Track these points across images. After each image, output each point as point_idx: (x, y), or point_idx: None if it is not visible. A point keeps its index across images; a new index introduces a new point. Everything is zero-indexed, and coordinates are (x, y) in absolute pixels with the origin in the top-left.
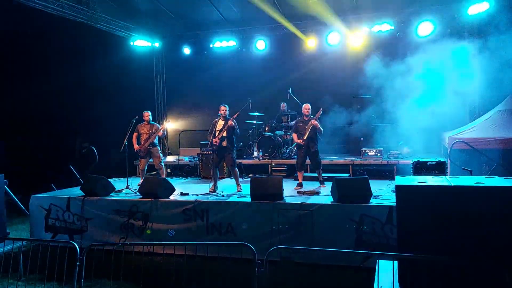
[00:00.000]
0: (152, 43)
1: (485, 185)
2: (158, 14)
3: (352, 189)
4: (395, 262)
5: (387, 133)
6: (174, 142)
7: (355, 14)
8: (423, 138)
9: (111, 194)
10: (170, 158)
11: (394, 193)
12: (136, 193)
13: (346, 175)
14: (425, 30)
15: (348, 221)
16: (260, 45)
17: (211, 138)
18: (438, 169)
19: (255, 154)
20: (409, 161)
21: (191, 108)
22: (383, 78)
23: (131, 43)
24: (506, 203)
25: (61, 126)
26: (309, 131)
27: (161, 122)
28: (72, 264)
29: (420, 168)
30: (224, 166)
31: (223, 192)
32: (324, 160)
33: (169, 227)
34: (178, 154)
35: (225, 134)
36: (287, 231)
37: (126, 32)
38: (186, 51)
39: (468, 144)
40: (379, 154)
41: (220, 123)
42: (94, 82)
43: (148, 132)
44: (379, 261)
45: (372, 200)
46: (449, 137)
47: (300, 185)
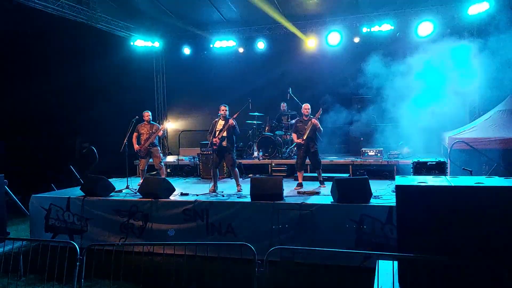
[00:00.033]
0: (152, 43)
1: (485, 185)
2: (158, 14)
3: (352, 189)
4: (395, 262)
5: (387, 133)
6: (174, 142)
7: (355, 14)
8: (423, 138)
9: (111, 194)
10: (170, 158)
11: (394, 193)
12: (136, 193)
13: (346, 175)
14: (425, 30)
15: (348, 221)
16: (260, 45)
17: (211, 138)
18: (438, 169)
19: (255, 154)
20: (409, 161)
21: (191, 108)
22: (383, 78)
23: (131, 43)
24: (506, 203)
25: (61, 126)
26: (309, 131)
27: (161, 122)
28: (72, 264)
29: (420, 168)
30: (224, 166)
31: (223, 192)
32: (324, 160)
33: (169, 227)
34: (178, 154)
35: (225, 134)
36: (287, 231)
37: (126, 32)
38: (186, 51)
39: (468, 144)
40: (379, 154)
41: (220, 123)
42: (94, 82)
43: (148, 132)
44: (379, 261)
45: (372, 200)
46: (449, 137)
47: (300, 185)
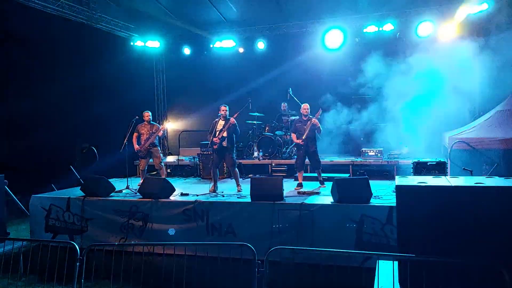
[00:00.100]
0: (152, 43)
1: (485, 185)
2: (158, 14)
3: (352, 189)
4: (395, 263)
5: (387, 133)
6: (174, 142)
7: (355, 14)
8: (424, 138)
9: (111, 195)
10: (170, 158)
11: (394, 193)
12: (136, 193)
13: (346, 175)
14: (425, 30)
15: (348, 221)
16: (260, 45)
17: (211, 138)
18: (438, 169)
19: (255, 154)
20: (409, 161)
21: (191, 108)
22: (383, 78)
23: (132, 43)
24: (506, 203)
25: (61, 126)
26: (308, 131)
27: (161, 122)
28: (72, 265)
29: (420, 168)
30: (224, 166)
31: (223, 192)
32: (324, 160)
33: (169, 227)
34: (178, 154)
35: (225, 134)
36: (287, 232)
37: (126, 32)
38: (186, 51)
39: (468, 144)
40: (379, 154)
41: (220, 123)
42: (95, 82)
43: (148, 132)
44: (379, 262)
45: (372, 200)
46: (449, 137)
47: (300, 185)
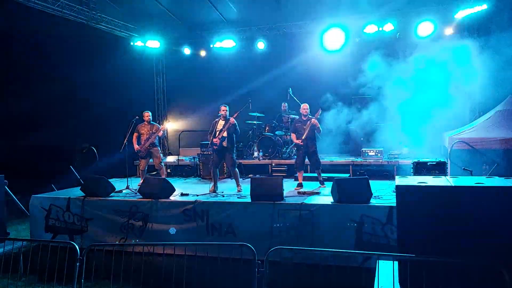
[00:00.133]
0: (152, 43)
1: (485, 186)
2: (158, 15)
3: (352, 190)
4: (395, 263)
5: (387, 133)
6: (174, 142)
7: (355, 14)
8: (424, 138)
9: (111, 195)
10: (170, 159)
11: (394, 193)
12: (136, 194)
13: (347, 175)
14: (425, 30)
15: (348, 221)
16: (260, 45)
17: (212, 138)
18: (439, 169)
19: (255, 154)
20: (409, 161)
21: (191, 108)
22: (383, 78)
23: (131, 44)
24: (506, 203)
25: (61, 126)
26: (308, 131)
27: (161, 122)
28: (72, 265)
29: (421, 168)
30: (224, 166)
31: (223, 192)
32: (324, 160)
33: (169, 228)
34: (178, 154)
35: (225, 134)
36: (287, 232)
37: (126, 33)
38: (186, 51)
39: (468, 144)
40: (379, 154)
41: (221, 123)
42: (95, 82)
43: (149, 132)
44: (379, 262)
45: (372, 200)
46: (449, 137)
47: (300, 185)
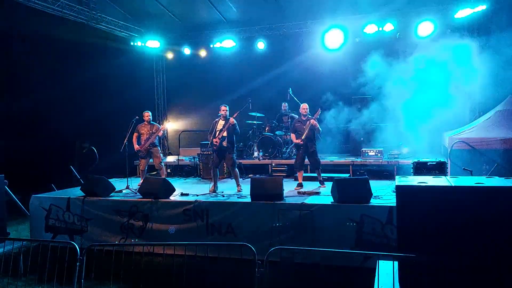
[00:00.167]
0: (153, 43)
1: (485, 186)
2: (159, 15)
3: (352, 189)
4: (395, 263)
5: (387, 133)
6: (174, 142)
7: (355, 14)
8: (424, 138)
9: (111, 195)
10: (170, 158)
11: (394, 193)
12: (136, 194)
13: (347, 175)
14: (425, 30)
15: (348, 221)
16: (260, 45)
17: (212, 138)
18: (439, 169)
19: (255, 154)
20: (409, 161)
21: (191, 108)
22: (383, 78)
23: (132, 43)
24: (506, 204)
25: (61, 126)
26: (308, 131)
27: (161, 122)
28: (72, 265)
29: (421, 168)
30: (224, 166)
31: (223, 192)
32: (324, 160)
33: (169, 227)
34: (178, 154)
35: (225, 134)
36: (287, 232)
37: (126, 33)
38: (186, 51)
39: (468, 144)
40: (379, 154)
41: (221, 123)
42: (95, 82)
43: (149, 132)
44: (379, 262)
45: (372, 200)
46: (449, 137)
47: (300, 185)
